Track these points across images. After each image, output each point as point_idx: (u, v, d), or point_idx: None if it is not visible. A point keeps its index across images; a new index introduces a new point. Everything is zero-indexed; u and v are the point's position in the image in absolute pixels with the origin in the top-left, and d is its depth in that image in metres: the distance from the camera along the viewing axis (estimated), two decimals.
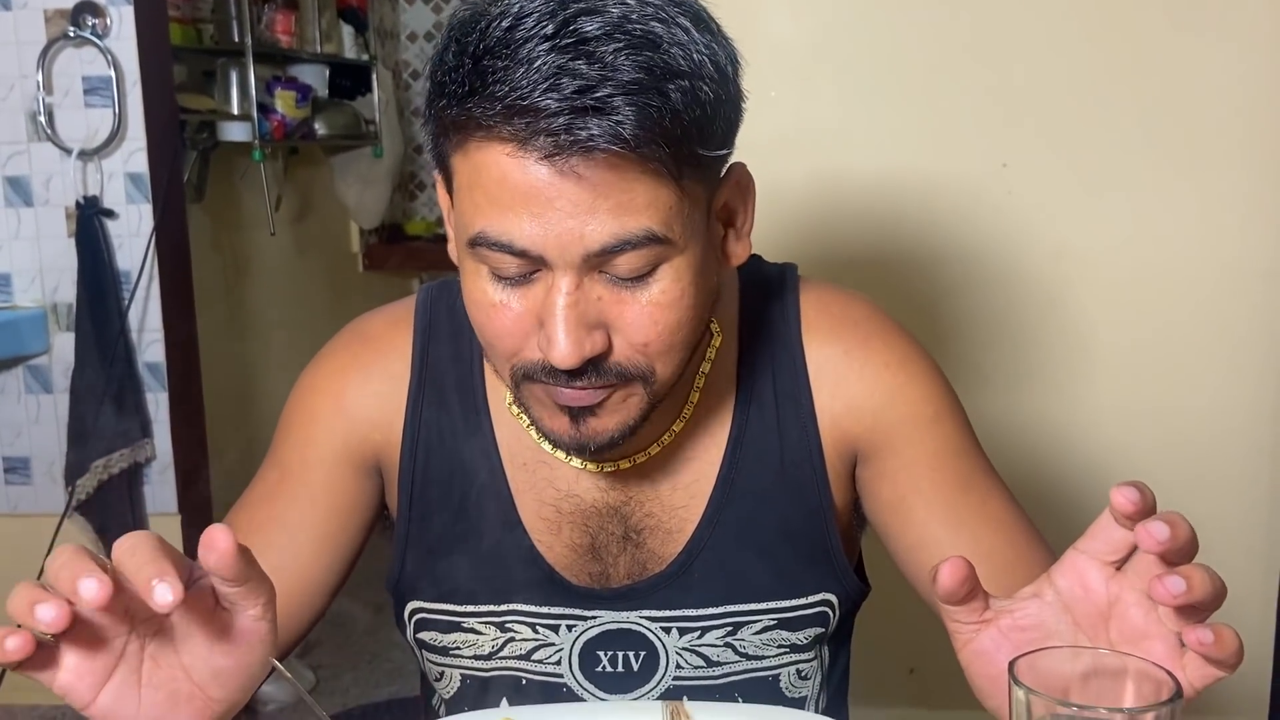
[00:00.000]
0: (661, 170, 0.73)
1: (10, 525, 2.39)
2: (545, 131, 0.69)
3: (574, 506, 0.92)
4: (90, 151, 2.23)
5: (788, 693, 0.95)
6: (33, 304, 2.31)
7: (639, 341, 0.78)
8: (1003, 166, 2.05)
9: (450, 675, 0.96)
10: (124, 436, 2.25)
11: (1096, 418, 2.11)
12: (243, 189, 3.20)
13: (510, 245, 0.74)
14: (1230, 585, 1.82)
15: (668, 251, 0.76)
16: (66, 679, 0.64)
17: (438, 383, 0.95)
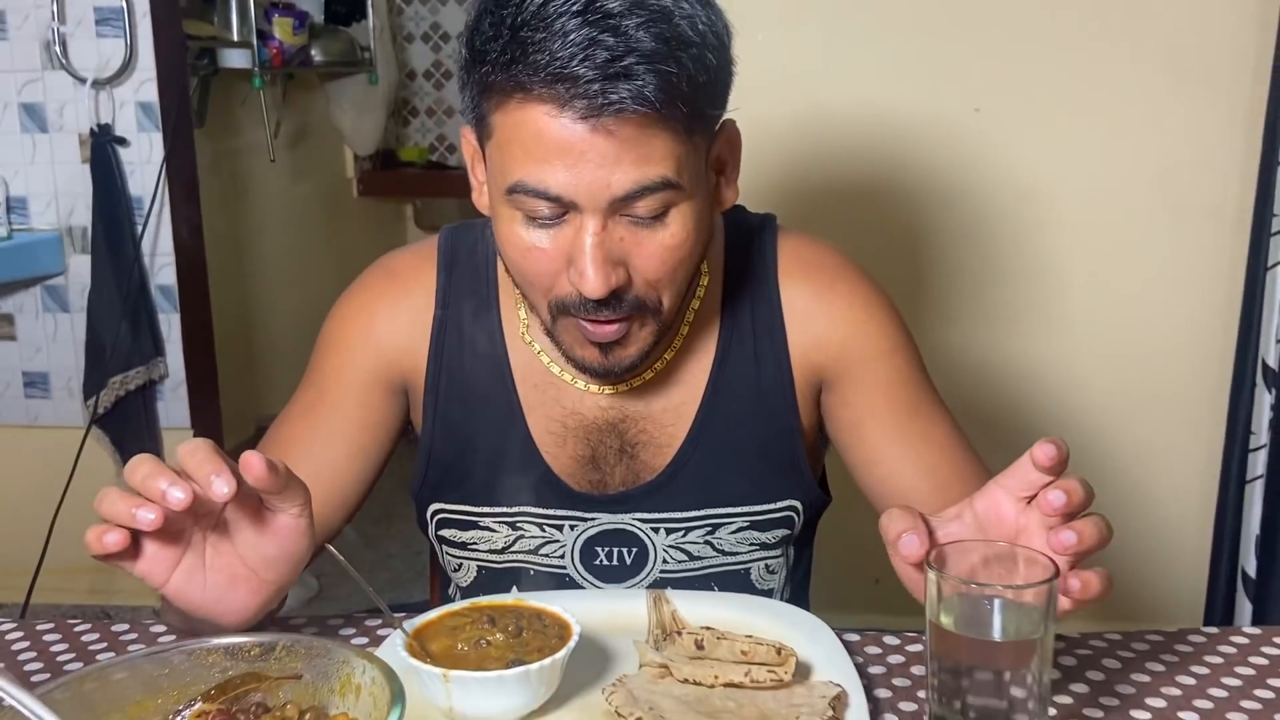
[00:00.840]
0: (676, 126, 0.87)
1: (31, 436, 2.52)
2: (582, 96, 0.82)
3: (578, 423, 1.06)
4: (103, 81, 2.30)
5: (757, 584, 1.10)
6: (49, 227, 2.40)
7: (653, 277, 0.92)
8: (976, 111, 2.16)
9: (468, 566, 1.10)
10: (139, 355, 2.36)
11: (1059, 348, 2.25)
12: (242, 115, 3.26)
13: (545, 192, 0.86)
14: (1173, 501, 2.03)
15: (678, 197, 0.89)
16: (145, 565, 0.79)
17: (458, 313, 1.08)
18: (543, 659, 0.78)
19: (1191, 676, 0.87)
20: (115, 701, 0.68)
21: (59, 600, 2.54)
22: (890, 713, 0.82)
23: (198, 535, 0.82)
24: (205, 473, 0.75)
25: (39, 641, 0.94)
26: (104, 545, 0.76)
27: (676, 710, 0.77)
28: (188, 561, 0.81)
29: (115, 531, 0.76)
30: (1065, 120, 2.14)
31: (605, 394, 1.05)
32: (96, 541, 0.76)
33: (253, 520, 0.82)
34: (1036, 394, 2.25)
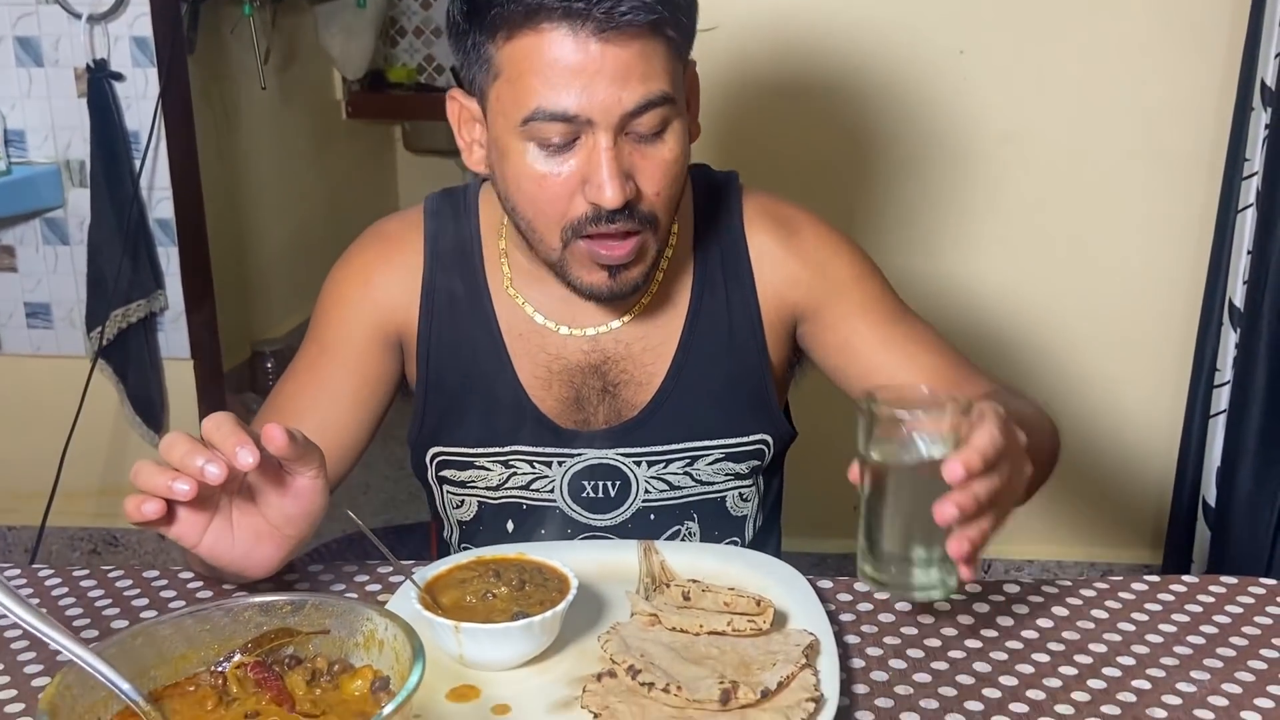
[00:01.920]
0: (670, 44, 0.97)
1: (34, 365, 2.57)
2: (596, 13, 0.92)
3: (562, 367, 1.14)
4: (97, 16, 2.31)
5: (732, 511, 1.21)
6: (46, 160, 2.43)
7: (654, 190, 1.01)
8: (959, 54, 2.19)
9: (469, 503, 1.19)
10: (140, 288, 2.41)
11: (1036, 284, 2.32)
12: (231, 42, 3.26)
13: (564, 113, 0.95)
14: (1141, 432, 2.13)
15: (673, 112, 0.99)
16: (179, 529, 0.88)
17: (446, 272, 1.16)
18: (544, 611, 0.86)
19: (1173, 624, 0.96)
20: (162, 655, 0.75)
21: (66, 523, 2.63)
22: (858, 657, 0.91)
23: (225, 499, 0.90)
24: (230, 445, 0.83)
25: (76, 588, 1.02)
26: (143, 514, 0.84)
27: (665, 657, 0.86)
28: (217, 524, 0.89)
29: (153, 502, 0.84)
30: (1046, 64, 2.18)
31: (587, 337, 1.14)
32: (136, 510, 0.84)
33: (274, 483, 0.91)
34: (1014, 326, 2.33)
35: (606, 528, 1.17)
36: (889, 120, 2.23)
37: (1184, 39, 2.14)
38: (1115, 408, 2.38)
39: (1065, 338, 2.34)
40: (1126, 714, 0.84)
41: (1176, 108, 2.18)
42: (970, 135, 2.23)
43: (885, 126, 2.24)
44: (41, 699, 0.66)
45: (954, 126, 2.23)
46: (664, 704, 0.81)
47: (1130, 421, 2.38)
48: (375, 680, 0.74)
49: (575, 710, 0.82)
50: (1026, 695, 0.86)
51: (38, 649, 0.92)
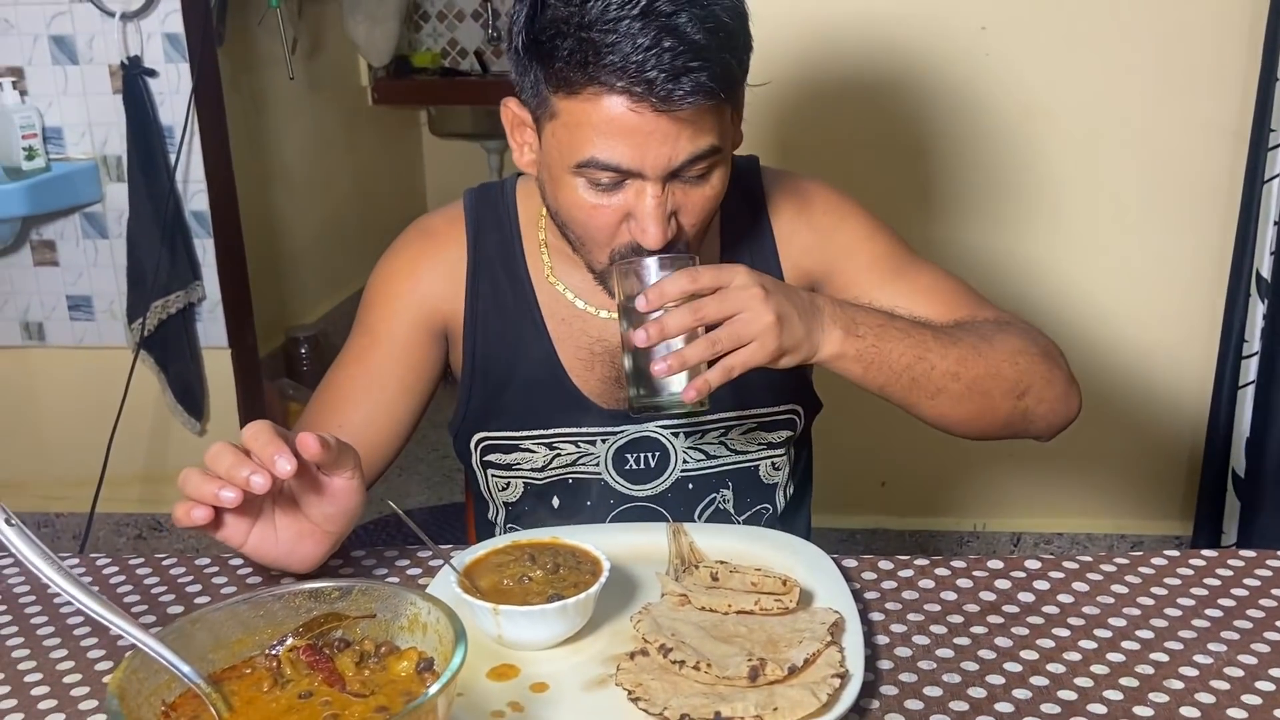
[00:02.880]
0: (724, 104, 1.01)
1: (77, 356, 2.64)
2: (655, 94, 0.95)
3: (604, 348, 1.19)
4: (130, 14, 2.35)
5: (764, 479, 1.26)
6: (84, 156, 2.48)
7: (693, 223, 1.07)
8: (982, 29, 2.20)
9: (514, 485, 1.24)
10: (178, 280, 2.46)
11: (1062, 258, 2.32)
12: (259, 33, 3.30)
13: (616, 166, 1.00)
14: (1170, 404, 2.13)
15: (720, 159, 1.04)
16: (226, 533, 0.94)
17: (488, 264, 1.20)
18: (578, 593, 0.90)
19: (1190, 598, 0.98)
20: (219, 639, 0.79)
21: (112, 510, 2.70)
22: (883, 634, 0.94)
23: (267, 503, 0.95)
24: (269, 454, 0.88)
25: (133, 575, 1.07)
26: (192, 520, 0.90)
27: (695, 636, 0.89)
28: (260, 526, 0.95)
29: (201, 509, 0.90)
30: (1069, 37, 2.18)
31: None
32: (185, 516, 0.90)
33: (312, 485, 0.96)
34: (1042, 300, 2.34)
35: (647, 497, 1.22)
36: (911, 96, 2.24)
37: (1209, 9, 2.14)
38: (1144, 380, 2.38)
39: (1092, 310, 2.35)
40: (1145, 686, 0.86)
41: (1202, 79, 2.18)
42: (993, 110, 2.24)
43: (907, 102, 2.25)
44: (110, 682, 0.71)
45: (977, 102, 2.24)
46: (695, 681, 0.84)
47: (1159, 393, 2.39)
48: (420, 661, 0.78)
49: (610, 688, 0.86)
50: (1047, 669, 0.88)
51: (99, 635, 0.96)
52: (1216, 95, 2.19)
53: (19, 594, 1.03)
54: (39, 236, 2.55)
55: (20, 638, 0.96)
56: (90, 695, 0.89)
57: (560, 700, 0.85)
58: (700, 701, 0.81)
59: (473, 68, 4.55)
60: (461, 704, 0.84)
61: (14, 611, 1.01)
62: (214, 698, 0.74)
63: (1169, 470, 2.45)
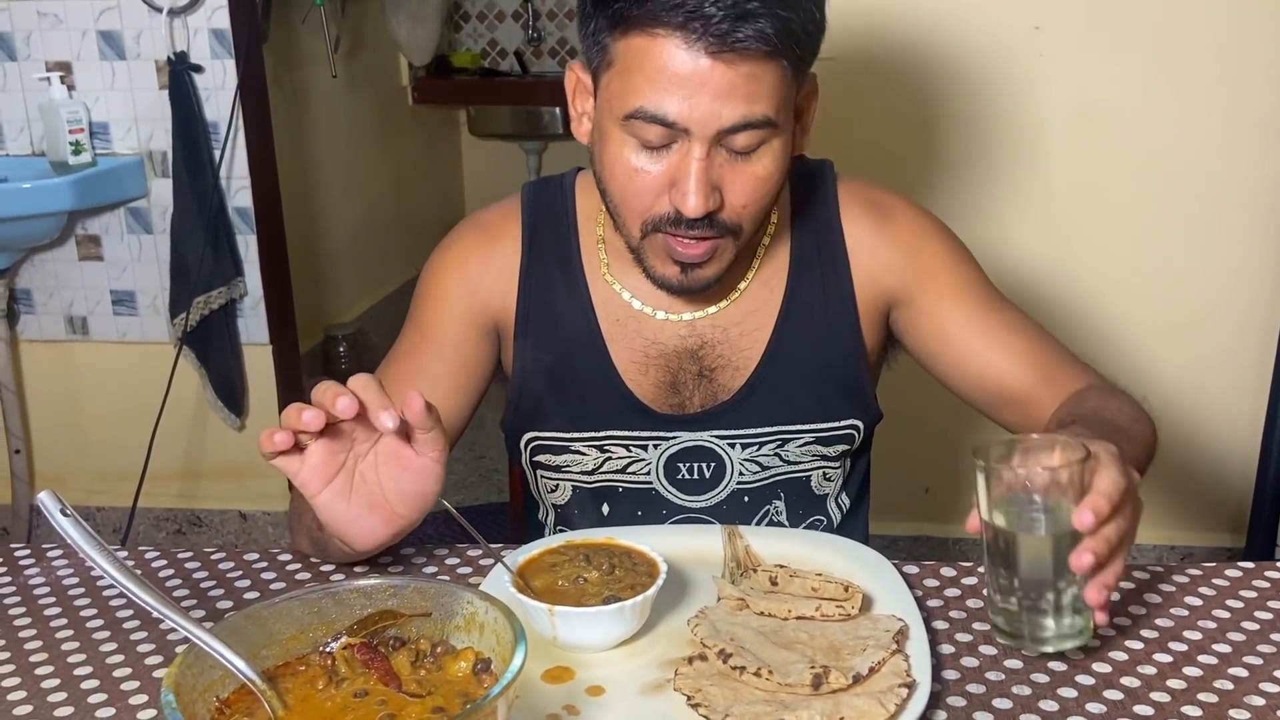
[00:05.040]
0: (783, 68, 0.97)
1: (120, 351, 2.64)
2: (711, 33, 0.92)
3: (659, 352, 1.16)
4: (177, 10, 2.36)
5: (816, 490, 1.22)
6: (130, 151, 2.49)
7: (740, 204, 1.02)
8: (1035, 29, 2.16)
9: (563, 487, 1.21)
10: (220, 276, 2.47)
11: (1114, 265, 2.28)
12: (303, 32, 3.31)
13: (663, 118, 0.97)
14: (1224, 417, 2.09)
15: (773, 134, 1.00)
16: (305, 474, 0.90)
17: (543, 261, 1.18)
18: (634, 595, 0.88)
19: (1226, 610, 0.95)
20: (272, 636, 0.78)
21: (152, 504, 2.70)
22: (947, 643, 0.91)
23: (350, 461, 0.92)
24: (375, 405, 0.86)
25: (182, 569, 1.06)
26: (273, 443, 0.87)
27: (754, 641, 0.87)
28: (338, 481, 0.91)
29: (282, 432, 0.87)
30: (1124, 38, 2.14)
31: (684, 322, 1.16)
32: (267, 440, 0.87)
33: (398, 457, 0.92)
34: (1093, 310, 2.30)
35: (701, 509, 1.19)
36: (962, 97, 2.21)
37: (1265, 12, 2.09)
38: (1198, 393, 2.34)
39: (1146, 320, 2.31)
40: (1224, 702, 0.83)
41: (1261, 82, 2.13)
42: (1046, 112, 2.20)
43: (959, 103, 2.22)
44: (165, 678, 0.69)
45: (1029, 103, 2.20)
46: (756, 688, 0.82)
47: (1213, 406, 2.34)
48: (477, 662, 0.76)
49: (668, 693, 0.84)
50: (1120, 682, 0.85)
51: (149, 628, 0.95)
52: (1275, 97, 2.14)
53: (68, 586, 1.03)
54: (84, 231, 2.56)
55: (70, 630, 0.96)
56: (140, 690, 0.87)
57: (617, 704, 0.83)
58: (763, 709, 0.79)
59: (512, 68, 4.54)
60: (516, 706, 0.82)
61: (64, 604, 1.00)
62: (269, 695, 0.73)
63: (1221, 481, 2.40)
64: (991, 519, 0.85)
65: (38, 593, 1.02)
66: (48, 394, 2.70)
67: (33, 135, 2.51)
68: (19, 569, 1.06)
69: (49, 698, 0.86)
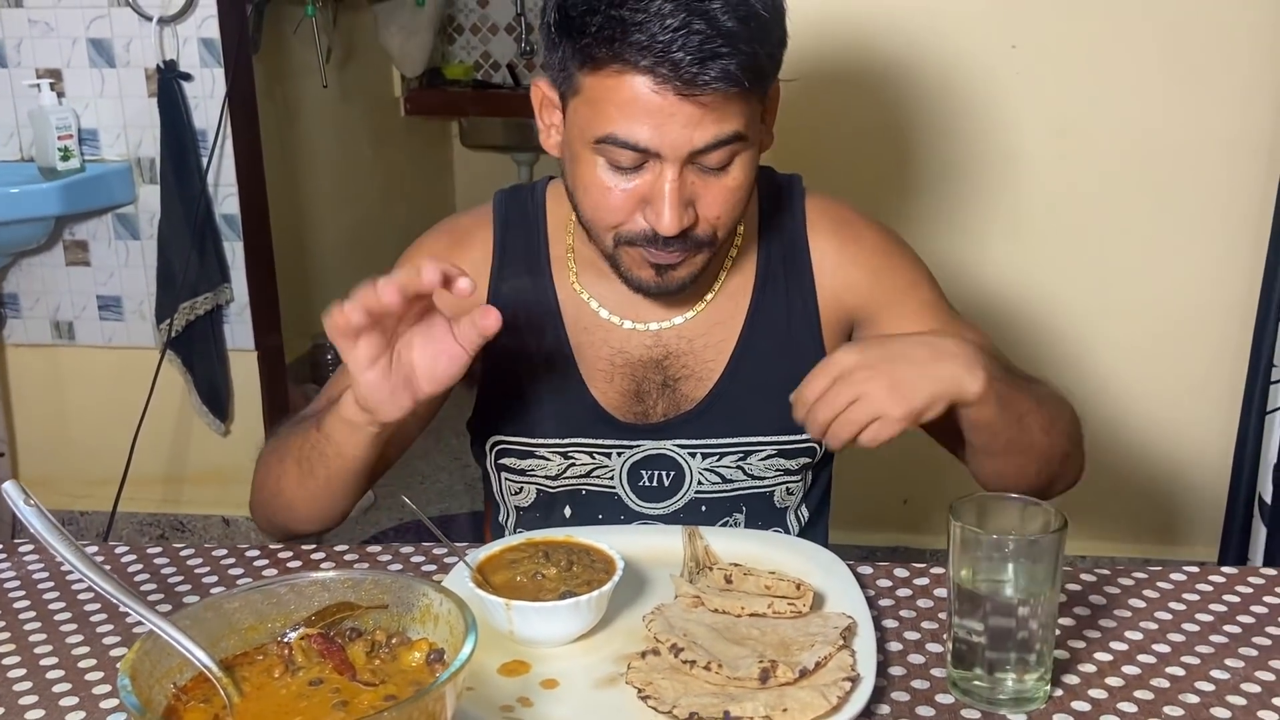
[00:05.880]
0: (751, 92, 0.99)
1: (105, 356, 2.66)
2: (679, 76, 0.95)
3: (624, 361, 1.18)
4: (167, 18, 2.39)
5: (778, 504, 1.24)
6: (118, 158, 2.51)
7: (713, 215, 1.05)
8: (1012, 48, 2.19)
9: (527, 490, 1.23)
10: (207, 281, 2.48)
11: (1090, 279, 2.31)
12: (294, 41, 3.33)
13: (635, 145, 0.99)
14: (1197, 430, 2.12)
15: (743, 147, 1.03)
16: (358, 352, 0.96)
17: (513, 267, 1.20)
18: (591, 591, 0.90)
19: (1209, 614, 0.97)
20: (231, 626, 0.79)
21: (135, 509, 2.72)
22: (896, 640, 0.93)
23: (392, 344, 0.97)
24: (454, 272, 0.92)
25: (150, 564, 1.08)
26: (347, 321, 0.93)
27: (707, 637, 0.89)
28: (382, 362, 0.97)
29: (358, 311, 0.93)
30: (1099, 57, 2.17)
31: (650, 332, 1.17)
32: (340, 317, 0.94)
33: (439, 337, 0.97)
34: (1069, 323, 2.32)
35: (659, 516, 1.20)
36: (940, 115, 2.24)
37: (1239, 31, 2.12)
38: (1171, 405, 2.36)
39: (1120, 334, 2.33)
40: (1160, 699, 0.85)
41: (1231, 100, 2.16)
42: (1022, 130, 2.23)
43: (936, 121, 2.24)
44: (122, 664, 0.71)
45: (1006, 122, 2.23)
46: (705, 681, 0.84)
47: (1186, 418, 2.37)
48: (431, 652, 0.78)
49: (620, 686, 0.86)
50: (1062, 680, 0.88)
51: (115, 621, 0.97)
52: (1246, 114, 2.17)
53: (37, 579, 1.05)
54: (72, 236, 2.58)
55: (37, 622, 0.97)
56: (104, 680, 0.89)
57: (570, 697, 0.85)
58: (710, 701, 0.81)
59: (505, 80, 4.58)
60: (471, 698, 0.84)
61: (32, 596, 1.02)
62: (225, 682, 0.74)
63: (1194, 496, 2.43)
64: (956, 573, 0.84)
65: (7, 586, 1.03)
66: (33, 398, 2.72)
67: (22, 141, 2.54)
68: None
69: (14, 686, 0.88)
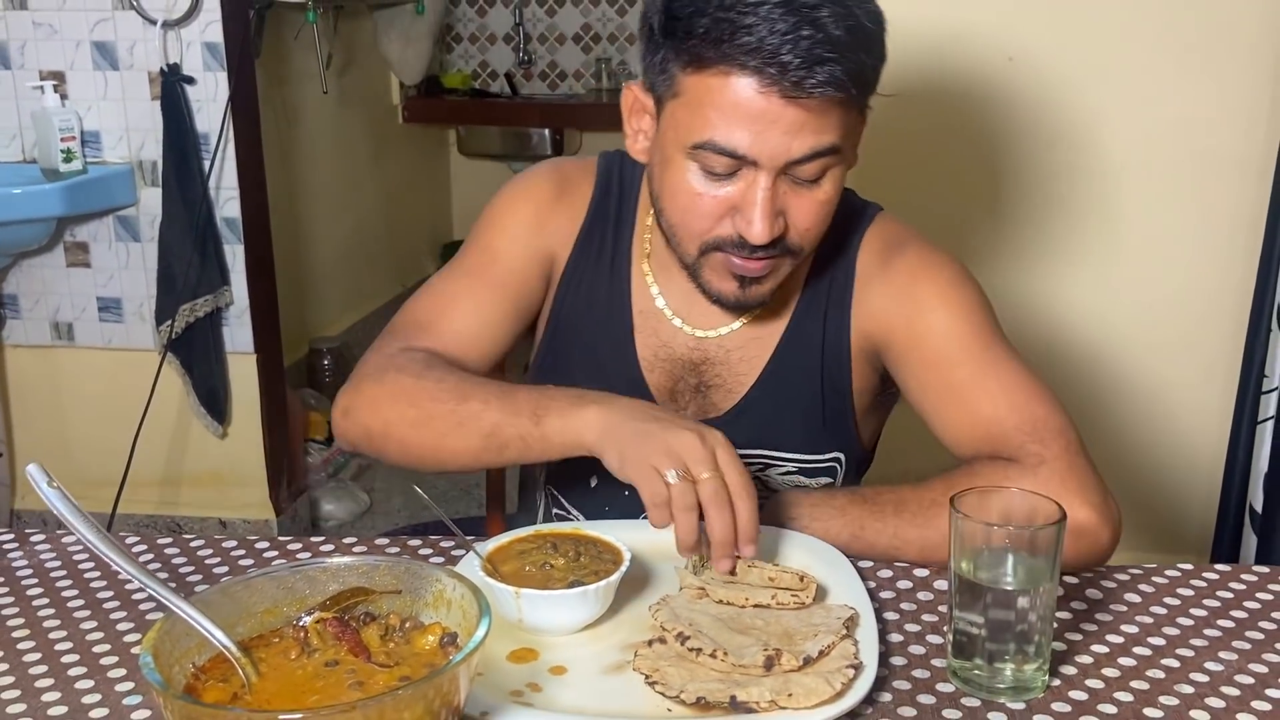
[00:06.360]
0: (852, 103, 1.01)
1: (105, 357, 2.67)
2: (787, 80, 0.95)
3: (668, 356, 1.20)
4: (171, 22, 2.41)
5: None
6: (120, 160, 2.53)
7: (804, 227, 1.06)
8: (1009, 60, 2.22)
9: None
10: (207, 284, 2.50)
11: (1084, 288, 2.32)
12: (295, 47, 3.35)
13: (733, 151, 1.00)
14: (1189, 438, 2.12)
15: (837, 160, 1.04)
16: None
17: (600, 231, 1.22)
18: (598, 581, 0.92)
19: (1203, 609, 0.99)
20: (246, 610, 0.81)
21: (132, 510, 2.72)
22: (896, 632, 0.95)
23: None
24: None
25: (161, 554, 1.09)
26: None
27: (712, 627, 0.90)
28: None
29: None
30: (1095, 70, 2.20)
31: (694, 336, 1.19)
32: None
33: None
34: (1062, 331, 2.34)
35: None
36: (936, 127, 2.26)
37: (1234, 45, 2.15)
38: (1163, 413, 2.38)
39: (1113, 343, 2.35)
40: (1154, 690, 0.87)
41: (1226, 113, 2.19)
42: (1018, 141, 2.26)
43: (932, 133, 2.27)
44: (144, 643, 0.73)
45: (1002, 133, 2.26)
46: (711, 668, 0.86)
47: (1177, 427, 2.39)
48: (444, 635, 0.80)
49: (627, 672, 0.87)
50: (1059, 671, 0.89)
51: (128, 608, 0.98)
52: (1240, 130, 2.20)
53: (50, 568, 1.06)
54: (73, 238, 2.60)
55: (51, 609, 0.99)
56: (119, 664, 0.90)
57: (578, 683, 0.87)
58: (716, 686, 0.83)
59: (502, 89, 4.61)
60: (481, 684, 0.86)
61: (45, 584, 1.03)
62: (243, 662, 0.76)
63: (1186, 504, 2.45)
64: (957, 563, 0.86)
65: (21, 574, 1.05)
66: (32, 399, 2.73)
67: (24, 143, 2.55)
68: (2, 552, 1.09)
69: (30, 670, 0.89)
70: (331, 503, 3.02)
